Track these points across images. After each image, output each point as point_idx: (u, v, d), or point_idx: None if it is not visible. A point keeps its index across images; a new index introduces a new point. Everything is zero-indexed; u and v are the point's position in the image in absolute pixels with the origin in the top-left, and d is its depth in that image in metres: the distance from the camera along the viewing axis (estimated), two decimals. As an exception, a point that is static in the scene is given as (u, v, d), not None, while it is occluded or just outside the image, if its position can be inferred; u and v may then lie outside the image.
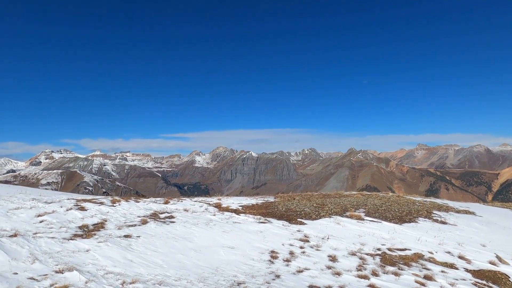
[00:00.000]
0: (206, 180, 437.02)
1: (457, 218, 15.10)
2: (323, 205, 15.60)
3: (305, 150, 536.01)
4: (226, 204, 15.79)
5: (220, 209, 14.59)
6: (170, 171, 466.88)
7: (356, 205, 15.87)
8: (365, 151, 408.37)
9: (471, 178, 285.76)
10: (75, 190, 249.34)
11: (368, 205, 15.95)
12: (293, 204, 15.72)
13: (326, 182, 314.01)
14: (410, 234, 12.00)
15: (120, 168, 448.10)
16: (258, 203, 16.60)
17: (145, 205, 14.15)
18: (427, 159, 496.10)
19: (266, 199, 17.96)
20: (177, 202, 15.48)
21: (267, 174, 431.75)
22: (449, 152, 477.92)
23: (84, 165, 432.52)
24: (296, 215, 13.71)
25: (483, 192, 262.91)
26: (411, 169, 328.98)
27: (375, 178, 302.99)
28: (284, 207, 15.01)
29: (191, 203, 15.49)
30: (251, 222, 12.34)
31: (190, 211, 13.67)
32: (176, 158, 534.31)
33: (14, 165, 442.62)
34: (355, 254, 9.67)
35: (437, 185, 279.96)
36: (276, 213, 14.01)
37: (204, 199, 17.87)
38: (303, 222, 12.75)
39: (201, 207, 14.68)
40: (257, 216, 13.35)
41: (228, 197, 19.27)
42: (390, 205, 16.30)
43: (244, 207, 15.30)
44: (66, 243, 8.25)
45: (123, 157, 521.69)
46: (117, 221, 11.00)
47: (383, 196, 18.96)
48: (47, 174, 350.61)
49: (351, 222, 13.01)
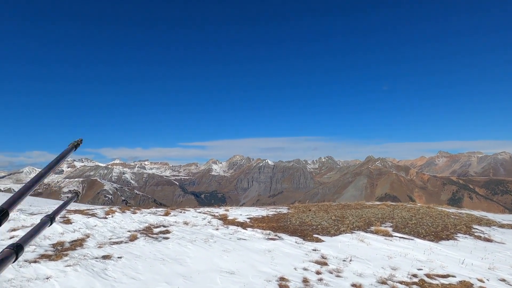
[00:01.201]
0: (223, 188, 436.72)
1: (502, 234, 12.82)
2: (343, 218, 13.64)
3: (322, 158, 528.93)
4: (232, 216, 14.06)
5: (225, 222, 12.87)
6: (187, 180, 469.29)
7: (382, 218, 13.83)
8: (383, 159, 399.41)
9: (496, 187, 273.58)
10: (95, 198, 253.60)
11: (396, 218, 13.88)
12: (308, 216, 13.83)
13: (344, 191, 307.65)
14: (451, 255, 9.90)
15: (138, 177, 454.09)
16: (269, 214, 14.79)
17: (141, 217, 12.60)
18: (448, 167, 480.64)
19: (278, 210, 16.13)
20: (178, 214, 13.87)
21: (283, 182, 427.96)
22: (472, 160, 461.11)
23: (104, 173, 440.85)
24: (312, 230, 11.82)
25: (509, 202, 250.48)
26: (432, 177, 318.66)
27: (395, 186, 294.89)
28: (298, 220, 13.14)
29: (194, 215, 13.85)
30: (259, 239, 10.53)
31: (190, 224, 12.01)
32: (193, 166, 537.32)
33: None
34: (386, 283, 7.71)
35: (460, 194, 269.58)
36: (288, 228, 12.16)
37: (210, 209, 16.20)
38: (320, 239, 10.85)
39: (204, 220, 13.01)
40: (266, 231, 11.55)
41: (237, 208, 17.55)
42: (421, 217, 14.17)
43: (252, 219, 13.52)
44: (26, 267, 6.70)
45: (142, 166, 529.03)
46: (101, 237, 9.44)
47: (411, 207, 16.78)
48: (68, 182, 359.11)
49: (377, 239, 11.01)
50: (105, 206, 18.73)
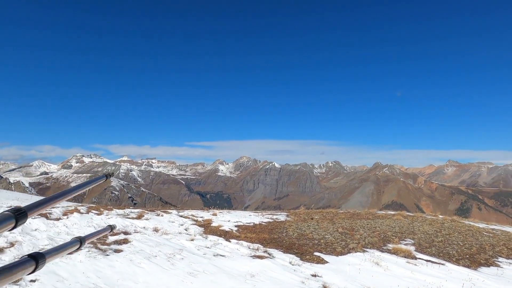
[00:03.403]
0: (229, 189, 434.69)
1: (554, 259, 10.16)
2: (352, 231, 11.11)
3: (329, 163, 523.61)
4: (218, 222, 11.63)
5: (206, 230, 10.45)
6: (193, 179, 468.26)
7: (400, 233, 11.26)
8: (391, 166, 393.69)
9: (506, 198, 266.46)
10: (102, 194, 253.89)
11: (417, 233, 11.29)
12: (309, 227, 11.32)
13: (350, 197, 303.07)
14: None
15: (145, 174, 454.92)
16: (262, 222, 12.33)
17: (103, 221, 10.26)
18: (457, 176, 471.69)
19: (275, 217, 13.65)
20: (153, 217, 11.50)
21: (289, 185, 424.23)
22: (482, 170, 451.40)
23: (112, 169, 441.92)
24: (313, 246, 9.32)
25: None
26: (440, 186, 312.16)
27: (402, 194, 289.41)
28: (297, 232, 10.64)
29: (172, 220, 11.47)
30: (242, 256, 8.07)
31: (160, 231, 9.62)
32: (199, 166, 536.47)
33: (47, 168, 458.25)
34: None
35: (468, 204, 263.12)
36: (283, 241, 9.68)
37: (195, 213, 13.80)
38: (322, 259, 8.34)
39: (181, 226, 10.61)
40: (254, 245, 9.08)
41: (228, 212, 15.11)
42: (447, 234, 11.56)
43: (240, 228, 11.08)
44: None
45: (149, 164, 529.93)
46: (30, 247, 7.09)
47: (434, 220, 14.14)
48: (76, 177, 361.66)
49: (397, 262, 8.46)
50: (86, 204, 16.48)
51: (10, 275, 0.93)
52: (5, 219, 0.94)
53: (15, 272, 0.93)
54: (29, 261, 0.98)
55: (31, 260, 0.98)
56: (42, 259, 1.02)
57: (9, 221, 0.94)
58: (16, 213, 0.95)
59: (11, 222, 0.94)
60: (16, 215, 0.94)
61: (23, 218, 0.95)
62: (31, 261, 0.98)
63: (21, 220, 0.95)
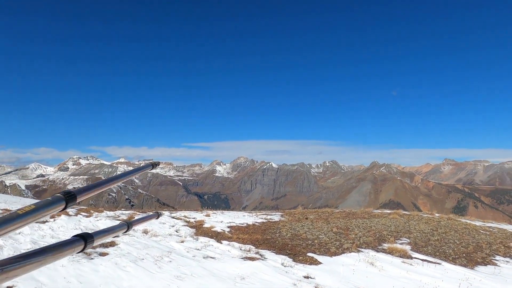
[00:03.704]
0: (226, 190, 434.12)
1: (552, 257, 9.99)
2: (347, 230, 10.90)
3: (326, 163, 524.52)
4: (210, 223, 11.39)
5: (198, 232, 10.20)
6: (191, 180, 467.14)
7: (396, 232, 11.06)
8: (388, 165, 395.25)
9: (502, 196, 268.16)
10: (99, 196, 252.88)
11: (413, 232, 11.10)
12: (303, 227, 11.10)
13: (348, 196, 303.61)
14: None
15: (142, 176, 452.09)
16: (256, 223, 12.10)
17: (91, 223, 9.99)
18: (454, 174, 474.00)
19: (269, 217, 13.43)
20: (143, 219, 11.23)
21: (287, 185, 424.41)
22: (478, 168, 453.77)
23: (109, 171, 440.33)
24: (306, 247, 9.09)
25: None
26: (437, 184, 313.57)
27: (399, 193, 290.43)
28: (290, 232, 10.42)
29: (163, 221, 11.22)
30: (233, 258, 7.82)
31: (150, 233, 9.35)
32: (197, 167, 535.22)
33: (44, 170, 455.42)
34: None
35: (465, 202, 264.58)
36: (276, 242, 9.45)
37: (188, 213, 13.55)
38: (315, 260, 8.11)
39: (171, 228, 10.35)
40: (246, 246, 8.85)
41: (222, 213, 14.87)
42: (444, 232, 11.38)
43: (233, 229, 10.84)
44: None
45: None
46: (11, 251, 6.81)
47: (430, 218, 13.96)
48: (73, 179, 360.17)
49: (392, 261, 8.25)
50: (78, 206, 16.17)
51: (60, 253, 0.96)
52: (57, 201, 0.98)
53: (64, 250, 0.97)
54: (78, 241, 1.03)
55: (80, 240, 1.03)
56: (91, 239, 1.07)
57: (60, 202, 0.98)
58: (66, 195, 1.00)
59: (62, 204, 0.99)
60: (66, 198, 1.00)
61: (72, 200, 1.01)
62: (80, 241, 1.03)
63: (71, 202, 1.01)
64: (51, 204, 0.97)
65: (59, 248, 0.96)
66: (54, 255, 0.95)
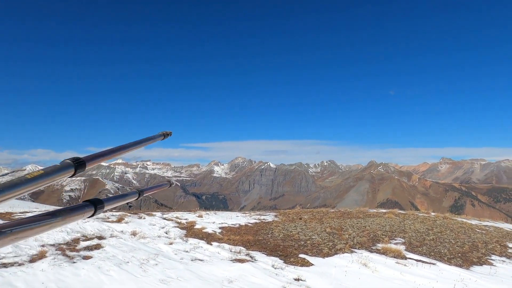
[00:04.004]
0: (224, 190, 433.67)
1: (549, 256, 9.82)
2: (341, 230, 10.69)
3: (324, 162, 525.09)
4: (202, 224, 11.16)
5: (188, 233, 9.97)
6: (189, 181, 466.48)
7: (390, 232, 10.86)
8: (386, 164, 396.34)
9: (498, 194, 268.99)
10: (97, 197, 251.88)
11: (408, 232, 10.91)
12: (296, 227, 10.88)
13: (345, 195, 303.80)
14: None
15: (140, 177, 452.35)
16: (248, 223, 11.88)
17: (80, 224, 9.72)
18: (451, 173, 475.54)
19: (262, 218, 13.21)
20: (133, 220, 10.98)
21: (285, 185, 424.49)
22: (474, 167, 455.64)
23: (107, 172, 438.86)
24: (298, 248, 8.87)
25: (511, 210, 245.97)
26: (434, 183, 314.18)
27: (397, 192, 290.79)
28: (282, 233, 10.19)
29: (153, 222, 10.96)
30: (222, 260, 7.59)
31: (138, 235, 9.11)
32: (195, 167, 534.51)
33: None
34: None
35: (462, 201, 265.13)
36: (267, 243, 9.23)
37: (180, 215, 13.29)
38: (307, 261, 7.89)
39: (161, 229, 10.11)
40: (236, 247, 8.62)
41: (214, 213, 14.62)
42: (439, 231, 11.20)
43: (225, 229, 10.62)
44: None
45: (144, 166, 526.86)
46: (-10, 255, 6.57)
47: (425, 218, 13.79)
48: (71, 181, 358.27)
49: (386, 262, 8.05)
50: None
51: (70, 217, 0.95)
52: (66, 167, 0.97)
53: (74, 214, 0.97)
54: (88, 206, 1.03)
55: (90, 205, 1.04)
56: (101, 205, 1.08)
57: (69, 169, 0.98)
58: (75, 161, 1.00)
59: (71, 170, 0.98)
60: (75, 164, 0.99)
61: (81, 167, 1.01)
62: (90, 206, 1.04)
63: (80, 169, 1.00)
64: (60, 170, 0.95)
65: (70, 212, 0.96)
66: (64, 218, 0.94)
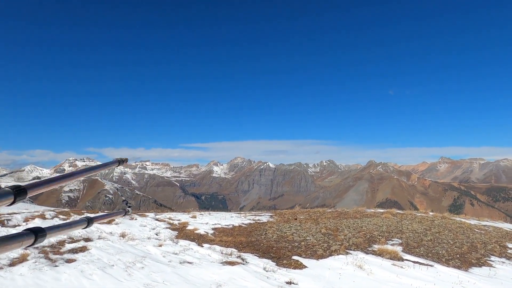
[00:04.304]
0: (224, 190, 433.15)
1: (549, 257, 9.57)
2: (337, 231, 10.43)
3: (323, 162, 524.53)
4: (195, 225, 10.89)
5: (179, 234, 9.70)
6: (188, 181, 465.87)
7: (387, 232, 10.61)
8: (385, 164, 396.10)
9: (498, 194, 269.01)
10: (96, 197, 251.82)
11: (405, 232, 10.66)
12: (291, 228, 10.61)
13: (345, 195, 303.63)
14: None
15: (139, 177, 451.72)
16: (242, 224, 11.61)
17: (67, 226, 9.45)
18: (450, 173, 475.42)
19: (257, 218, 12.94)
20: (124, 221, 10.70)
21: (284, 185, 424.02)
22: (473, 166, 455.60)
23: (105, 173, 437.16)
24: (292, 249, 8.61)
25: (511, 209, 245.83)
26: (433, 183, 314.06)
27: (396, 191, 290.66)
28: (276, 234, 9.93)
29: (143, 224, 10.68)
30: (211, 263, 7.33)
31: (127, 237, 8.84)
32: (194, 168, 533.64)
33: (40, 172, 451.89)
34: None
35: (461, 200, 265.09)
36: (260, 244, 8.96)
37: (173, 215, 13.01)
38: (300, 264, 7.63)
39: (152, 231, 9.83)
40: (228, 249, 8.36)
41: (209, 213, 14.34)
42: (437, 232, 10.95)
43: (217, 231, 10.35)
44: None
45: (143, 166, 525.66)
46: (-32, 259, 6.29)
47: (423, 217, 13.53)
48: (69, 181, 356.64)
49: (382, 264, 7.79)
50: (57, 208, 15.59)
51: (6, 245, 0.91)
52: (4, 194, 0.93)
53: (12, 243, 0.92)
54: (28, 235, 0.99)
55: (30, 234, 1.00)
56: (42, 233, 1.03)
57: (8, 196, 0.93)
58: (15, 189, 0.95)
59: (10, 198, 0.93)
60: (15, 191, 0.95)
61: (22, 194, 0.96)
62: (30, 235, 1.00)
63: (20, 196, 0.96)
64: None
65: (7, 241, 0.91)
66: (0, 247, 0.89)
